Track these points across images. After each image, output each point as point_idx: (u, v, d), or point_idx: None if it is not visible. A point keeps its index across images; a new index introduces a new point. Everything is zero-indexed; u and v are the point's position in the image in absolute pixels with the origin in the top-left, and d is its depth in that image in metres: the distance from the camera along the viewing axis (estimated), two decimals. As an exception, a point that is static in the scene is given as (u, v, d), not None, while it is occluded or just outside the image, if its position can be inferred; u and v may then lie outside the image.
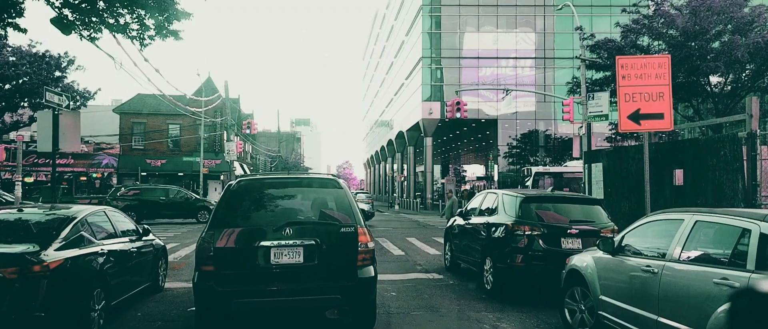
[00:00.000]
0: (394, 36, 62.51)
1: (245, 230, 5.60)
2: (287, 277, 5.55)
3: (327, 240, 5.62)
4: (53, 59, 33.16)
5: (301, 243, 5.52)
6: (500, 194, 8.73)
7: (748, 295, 4.00)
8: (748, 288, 3.91)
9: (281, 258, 5.51)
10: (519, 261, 7.69)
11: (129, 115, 40.65)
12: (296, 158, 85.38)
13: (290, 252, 5.52)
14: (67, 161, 38.13)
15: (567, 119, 19.10)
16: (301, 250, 5.53)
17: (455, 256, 10.35)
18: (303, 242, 5.52)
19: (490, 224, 8.47)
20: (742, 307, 2.98)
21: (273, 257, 5.50)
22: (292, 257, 5.53)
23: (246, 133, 38.28)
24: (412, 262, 12.07)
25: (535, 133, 45.48)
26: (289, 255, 5.53)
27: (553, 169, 32.89)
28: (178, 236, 18.48)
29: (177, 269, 11.01)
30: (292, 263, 5.53)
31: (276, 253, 5.50)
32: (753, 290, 3.96)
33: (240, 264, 5.51)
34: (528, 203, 7.97)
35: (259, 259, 5.48)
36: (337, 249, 5.65)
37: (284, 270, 5.53)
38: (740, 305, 4.01)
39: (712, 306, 4.03)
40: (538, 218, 7.89)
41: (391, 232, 20.47)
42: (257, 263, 5.48)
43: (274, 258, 5.50)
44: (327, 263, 5.59)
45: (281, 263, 5.51)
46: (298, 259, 5.53)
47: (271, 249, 5.49)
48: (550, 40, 45.80)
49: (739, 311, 2.75)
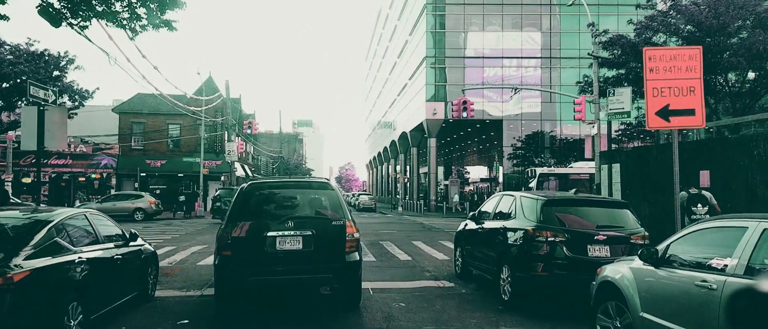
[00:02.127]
0: (397, 36, 61.87)
1: (255, 223, 6.82)
2: (289, 260, 6.76)
3: (321, 231, 6.84)
4: (52, 58, 32.57)
5: (300, 234, 6.76)
6: (518, 197, 8.05)
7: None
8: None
9: (284, 246, 6.75)
10: (540, 270, 7.01)
11: (128, 115, 40.01)
12: (298, 159, 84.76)
13: (291, 241, 6.75)
14: (65, 161, 37.55)
15: (579, 118, 18.39)
16: (300, 239, 6.76)
17: (467, 262, 9.67)
18: (301, 232, 6.76)
19: (507, 229, 7.79)
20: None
21: (277, 244, 6.73)
22: (292, 244, 6.76)
23: (247, 133, 37.62)
24: (420, 268, 11.41)
25: (541, 134, 44.77)
26: (290, 243, 6.76)
27: (558, 170, 32.20)
28: (175, 239, 17.83)
29: (170, 275, 10.36)
30: (292, 249, 6.75)
31: (280, 241, 6.73)
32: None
33: (251, 249, 6.73)
34: (550, 207, 7.29)
35: (266, 246, 6.71)
36: (329, 238, 6.85)
37: (286, 255, 6.75)
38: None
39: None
40: (560, 222, 7.20)
41: (395, 235, 19.80)
42: (265, 249, 6.71)
43: (278, 246, 6.74)
44: (321, 249, 6.80)
45: (284, 249, 6.74)
46: (298, 246, 6.76)
47: (276, 238, 6.72)
48: (556, 39, 45.09)
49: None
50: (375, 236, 19.18)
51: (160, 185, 40.37)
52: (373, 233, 20.98)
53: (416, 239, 18.25)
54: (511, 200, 8.27)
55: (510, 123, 45.58)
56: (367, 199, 49.76)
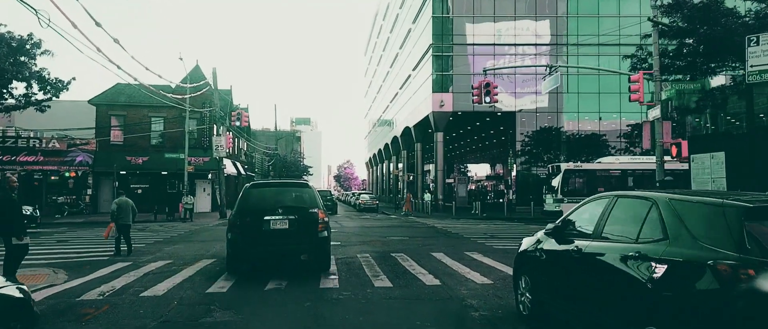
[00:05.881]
0: (399, 26, 58.33)
1: (255, 210, 10.04)
2: (279, 237, 9.94)
3: (301, 216, 10.06)
4: (15, 41, 29.00)
5: (287, 218, 9.96)
6: (664, 201, 4.53)
7: None
8: None
9: (276, 226, 9.92)
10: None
11: (106, 107, 36.31)
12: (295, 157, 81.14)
13: (280, 223, 9.93)
14: (35, 158, 33.97)
15: (635, 99, 14.83)
16: (287, 222, 9.95)
17: (542, 300, 6.20)
18: (288, 217, 9.97)
19: (650, 260, 4.30)
20: None
21: (271, 225, 9.91)
22: (281, 225, 9.93)
23: (236, 126, 34.02)
24: (457, 299, 7.97)
25: (555, 129, 41.30)
26: (280, 224, 9.93)
27: (586, 166, 28.74)
28: (136, 252, 14.23)
29: (88, 318, 6.89)
30: (281, 229, 9.93)
31: (272, 223, 9.91)
32: None
33: (252, 229, 9.93)
34: (760, 222, 3.80)
35: (263, 226, 9.90)
36: (307, 221, 10.07)
37: (277, 233, 9.93)
38: None
39: None
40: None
41: (408, 244, 16.34)
42: (262, 228, 9.89)
43: (271, 226, 9.91)
44: (301, 229, 10.00)
45: (276, 229, 9.92)
46: (285, 226, 9.94)
47: (270, 221, 9.91)
48: (574, 24, 41.60)
49: None
50: (383, 246, 15.70)
51: (142, 184, 36.82)
52: (380, 240, 17.48)
53: (435, 249, 14.79)
54: (643, 206, 4.77)
55: (523, 117, 42.08)
56: (368, 198, 46.22)
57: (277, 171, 66.96)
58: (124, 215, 14.09)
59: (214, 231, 21.76)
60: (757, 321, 3.47)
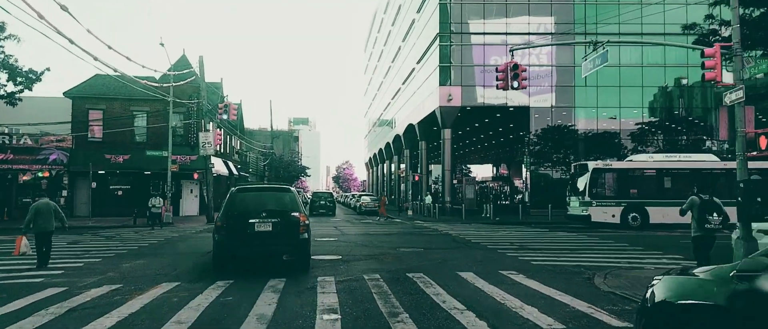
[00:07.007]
0: (401, 17, 55.25)
1: (240, 213, 10.62)
2: (263, 238, 10.55)
3: (283, 219, 10.67)
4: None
5: (270, 221, 10.56)
6: None
7: None
8: None
9: (260, 228, 10.51)
10: None
11: (84, 100, 33.09)
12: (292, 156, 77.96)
13: (264, 225, 10.52)
14: (5, 156, 30.83)
15: (711, 77, 11.70)
16: (270, 224, 10.55)
17: None
18: (271, 220, 10.57)
19: None
20: None
21: (256, 227, 10.50)
22: (265, 228, 10.53)
23: (223, 119, 30.89)
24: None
25: (571, 127, 38.28)
26: (263, 226, 10.52)
27: (616, 164, 25.66)
28: (81, 270, 11.15)
29: None
30: (265, 230, 10.53)
31: (257, 225, 10.50)
32: None
33: (238, 230, 10.50)
34: None
35: (248, 229, 10.49)
36: (289, 224, 10.71)
37: (261, 234, 10.53)
38: None
39: None
40: None
41: (425, 258, 13.28)
42: (247, 231, 10.49)
43: (256, 228, 10.50)
44: (283, 231, 10.64)
45: (260, 230, 10.51)
46: (269, 228, 10.54)
47: (254, 223, 10.50)
48: (592, 11, 38.53)
49: None
50: (395, 261, 12.61)
51: (123, 185, 33.68)
52: (390, 253, 14.33)
53: (460, 266, 11.71)
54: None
55: (536, 112, 38.99)
56: (369, 200, 43.18)
57: (272, 172, 63.88)
58: (45, 220, 11.93)
59: (196, 240, 18.56)
60: None
